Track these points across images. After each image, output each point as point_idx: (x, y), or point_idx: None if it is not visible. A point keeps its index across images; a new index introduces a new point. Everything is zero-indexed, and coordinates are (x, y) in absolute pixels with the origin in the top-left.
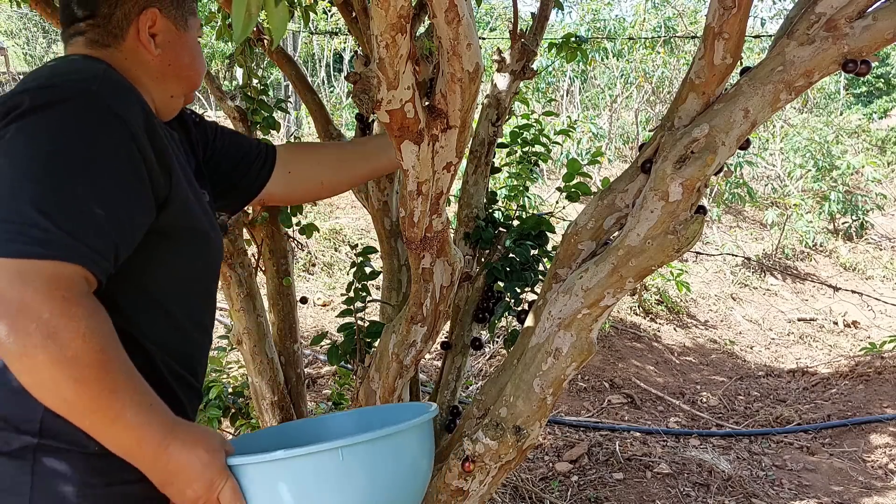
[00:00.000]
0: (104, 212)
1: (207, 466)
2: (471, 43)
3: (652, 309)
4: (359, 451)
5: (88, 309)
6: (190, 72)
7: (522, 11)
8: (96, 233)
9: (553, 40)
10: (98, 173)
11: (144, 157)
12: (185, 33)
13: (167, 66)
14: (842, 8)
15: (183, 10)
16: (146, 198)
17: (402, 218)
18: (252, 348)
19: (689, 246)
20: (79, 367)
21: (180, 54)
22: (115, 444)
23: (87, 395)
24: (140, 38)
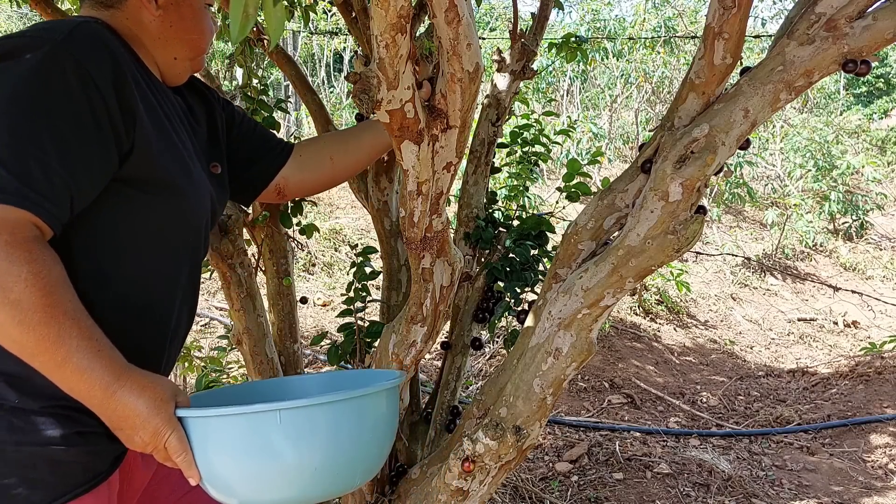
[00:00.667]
0: (60, 159)
1: (154, 414)
2: (471, 43)
3: (652, 309)
4: (298, 415)
5: (33, 253)
6: (193, 34)
7: (522, 11)
8: (48, 180)
9: (553, 40)
10: (55, 121)
11: (108, 106)
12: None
13: (168, 27)
14: (842, 8)
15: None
16: (106, 146)
17: (402, 218)
18: (252, 348)
19: (689, 246)
20: (21, 310)
21: (183, 16)
22: (66, 387)
23: (31, 337)
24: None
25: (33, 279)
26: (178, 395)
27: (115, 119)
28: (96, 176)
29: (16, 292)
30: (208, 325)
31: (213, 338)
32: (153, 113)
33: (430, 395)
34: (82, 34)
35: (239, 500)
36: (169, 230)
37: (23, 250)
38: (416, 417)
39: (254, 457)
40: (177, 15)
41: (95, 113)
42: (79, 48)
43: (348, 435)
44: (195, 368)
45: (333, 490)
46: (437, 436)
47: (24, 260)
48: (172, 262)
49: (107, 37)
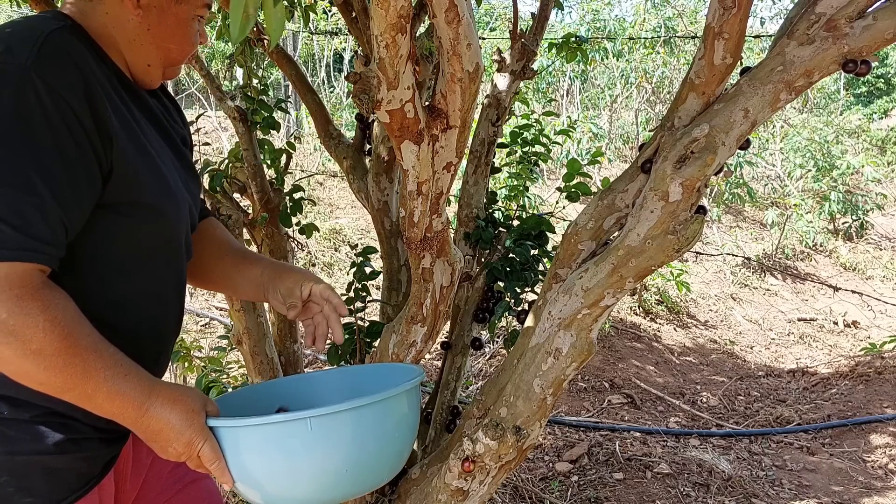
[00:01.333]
0: (52, 197)
1: (187, 426)
2: (471, 43)
3: (652, 309)
4: (326, 422)
5: (45, 301)
6: (170, 44)
7: (522, 11)
8: (46, 224)
9: (553, 40)
10: (41, 158)
11: (86, 130)
12: (176, 6)
13: (146, 30)
14: (842, 8)
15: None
16: (91, 171)
17: (402, 218)
18: (252, 348)
19: (689, 246)
20: (44, 357)
21: (164, 21)
22: (100, 412)
23: (59, 379)
24: None
25: (51, 326)
26: (207, 405)
27: (94, 142)
28: (85, 203)
29: (36, 342)
30: (208, 325)
31: (213, 338)
32: (128, 128)
33: (430, 395)
34: (50, 53)
35: (270, 500)
36: (152, 248)
37: (36, 300)
38: None
39: (284, 462)
40: (157, 19)
41: (77, 139)
42: (49, 72)
43: (374, 436)
44: (195, 368)
45: (362, 488)
46: (437, 436)
47: (39, 309)
48: (158, 276)
49: (75, 50)
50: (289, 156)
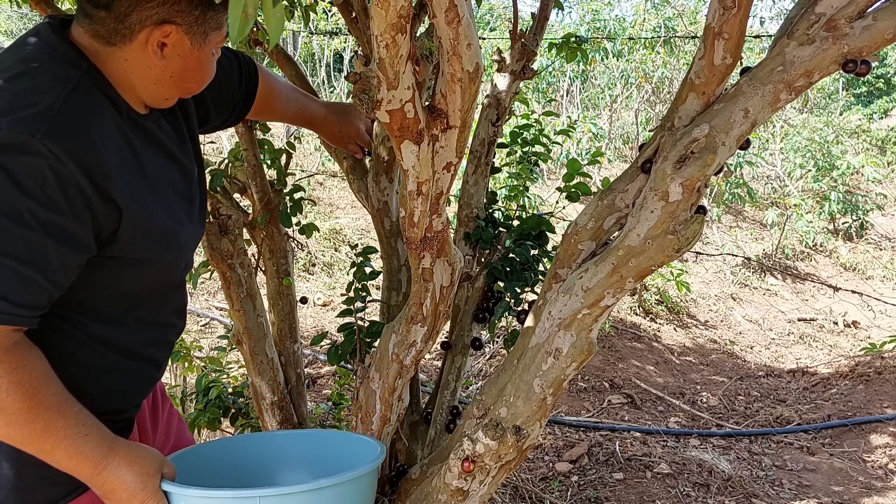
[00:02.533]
0: (36, 267)
1: (140, 488)
2: (471, 43)
3: (652, 309)
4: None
5: (13, 362)
6: (192, 83)
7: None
8: (26, 289)
9: (553, 40)
10: (27, 230)
11: (84, 201)
12: (198, 50)
13: (168, 76)
14: (842, 8)
15: (205, 27)
16: (83, 240)
17: (402, 218)
18: (252, 348)
19: (689, 246)
20: (5, 414)
21: (186, 67)
22: (59, 467)
23: (18, 434)
24: (148, 46)
25: (14, 387)
26: (164, 467)
27: (97, 214)
28: (73, 266)
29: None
30: (208, 325)
31: (213, 338)
32: (136, 184)
33: (430, 395)
34: (64, 125)
35: None
36: (155, 285)
37: (3, 361)
38: (416, 417)
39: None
40: (179, 66)
41: (72, 208)
42: (57, 140)
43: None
44: (195, 368)
45: None
46: (437, 436)
47: (4, 371)
48: (158, 306)
49: (88, 115)
50: (289, 156)
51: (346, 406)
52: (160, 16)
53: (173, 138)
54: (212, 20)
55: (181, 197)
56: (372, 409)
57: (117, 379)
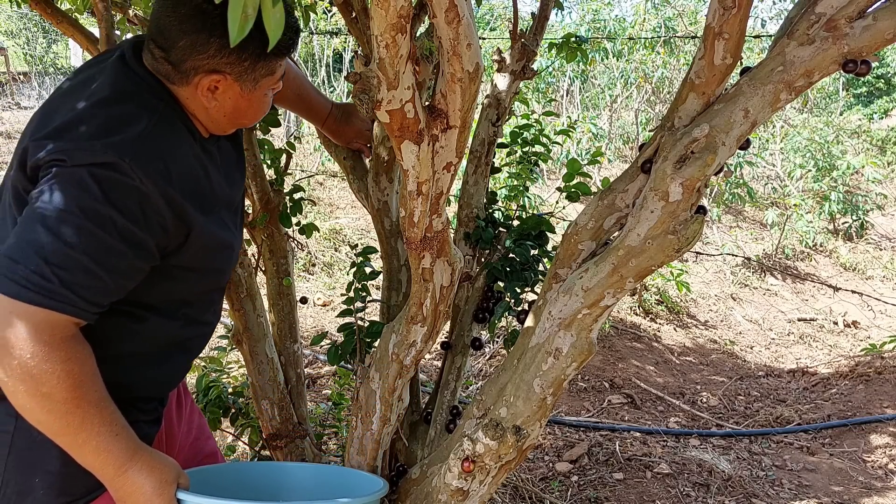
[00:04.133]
0: (106, 270)
1: (157, 494)
2: (471, 43)
3: (652, 309)
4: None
5: (67, 353)
6: (244, 120)
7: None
8: (91, 286)
9: (553, 40)
10: (106, 234)
11: (159, 219)
12: (249, 93)
13: (222, 115)
14: (842, 8)
15: (255, 74)
16: (152, 251)
17: (402, 218)
18: (252, 348)
19: (689, 246)
20: (51, 401)
21: (238, 108)
22: (83, 462)
23: (56, 423)
24: (199, 90)
25: (65, 376)
26: (180, 477)
27: (166, 228)
28: (136, 272)
29: (48, 386)
30: None
31: (213, 338)
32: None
33: (430, 395)
34: (150, 151)
35: None
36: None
37: (60, 350)
38: (416, 417)
39: None
40: (232, 106)
41: (150, 225)
42: (140, 166)
43: None
44: (195, 368)
45: None
46: (437, 436)
47: (59, 359)
48: (205, 306)
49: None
50: (289, 156)
51: (346, 406)
52: (210, 66)
53: (231, 156)
54: (262, 68)
55: (233, 212)
56: (372, 409)
57: (160, 368)
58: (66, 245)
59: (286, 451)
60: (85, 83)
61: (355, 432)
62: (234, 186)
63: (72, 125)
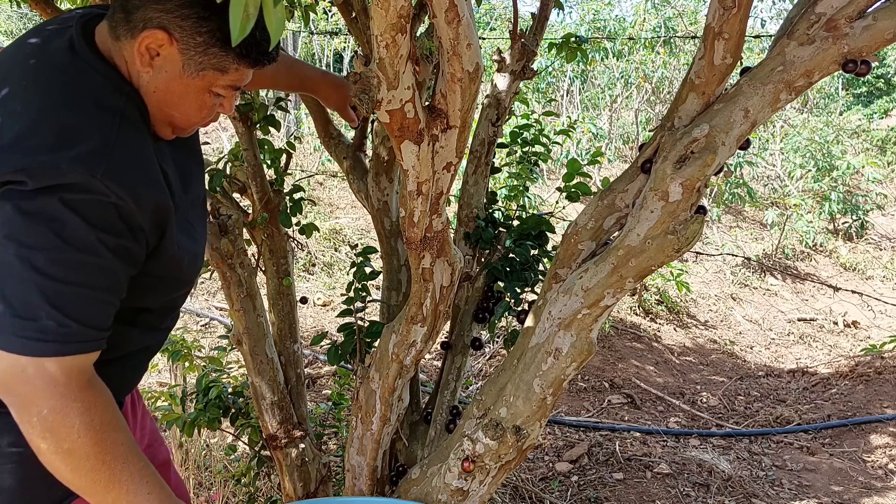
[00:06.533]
0: (107, 289)
1: None
2: (471, 43)
3: (652, 309)
4: None
5: (87, 402)
6: (172, 111)
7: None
8: (101, 313)
9: (553, 40)
10: (100, 258)
11: (136, 234)
12: (188, 78)
13: (152, 90)
14: (842, 8)
15: (203, 59)
16: (139, 258)
17: (402, 218)
18: (252, 348)
19: (689, 246)
20: (74, 458)
21: (170, 90)
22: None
23: (83, 482)
24: (140, 47)
25: (86, 429)
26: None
27: (144, 238)
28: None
29: (69, 442)
30: (208, 325)
31: (213, 338)
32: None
33: (430, 395)
34: (121, 163)
35: None
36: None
37: (78, 401)
38: (416, 417)
39: None
40: (164, 84)
41: (134, 234)
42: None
43: None
44: (195, 368)
45: None
46: (437, 436)
47: (78, 411)
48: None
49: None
50: (289, 156)
51: (346, 406)
52: (161, 21)
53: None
54: (214, 57)
55: (200, 215)
56: (372, 409)
57: (118, 374)
58: (64, 283)
59: (286, 452)
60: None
61: (355, 432)
62: (193, 177)
63: (23, 136)
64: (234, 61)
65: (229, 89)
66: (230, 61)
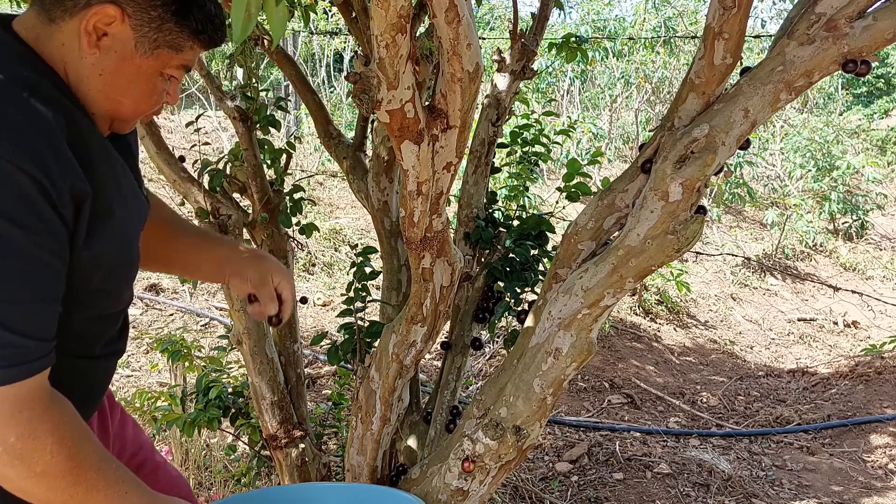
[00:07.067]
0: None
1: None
2: (471, 43)
3: (652, 309)
4: None
5: (55, 421)
6: (122, 97)
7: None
8: (47, 319)
9: (553, 40)
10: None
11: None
12: (140, 58)
13: (98, 74)
14: (842, 8)
15: (158, 36)
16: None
17: (402, 218)
18: (252, 348)
19: (689, 246)
20: (49, 479)
21: (120, 70)
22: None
23: (61, 498)
24: (85, 27)
25: (58, 448)
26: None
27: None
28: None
29: (42, 464)
30: (208, 325)
31: (213, 338)
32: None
33: (430, 395)
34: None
35: None
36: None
37: (45, 421)
38: (416, 417)
39: None
40: (114, 66)
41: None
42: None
43: None
44: (195, 368)
45: None
46: (437, 436)
47: (48, 431)
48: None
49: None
50: (289, 156)
51: (346, 406)
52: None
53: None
54: (169, 33)
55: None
56: (372, 409)
57: None
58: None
59: (286, 452)
60: None
61: (355, 432)
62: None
63: None
64: (189, 38)
65: (181, 70)
66: (185, 38)
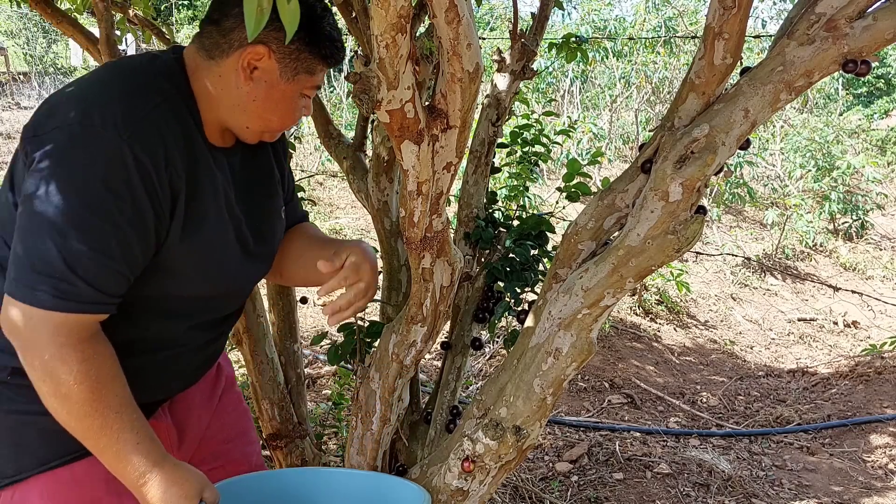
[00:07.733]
0: (125, 259)
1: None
2: (471, 43)
3: (652, 309)
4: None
5: (85, 353)
6: (272, 117)
7: (522, 11)
8: (117, 282)
9: (553, 40)
10: (117, 220)
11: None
12: (284, 84)
13: (251, 100)
14: (842, 8)
15: (297, 65)
16: (152, 234)
17: (402, 218)
18: (252, 348)
19: (689, 246)
20: (69, 402)
21: (270, 96)
22: (107, 466)
23: (77, 425)
24: (239, 63)
25: (82, 378)
26: (205, 491)
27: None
28: (145, 257)
29: (66, 387)
30: None
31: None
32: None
33: (430, 395)
34: (148, 134)
35: None
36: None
37: (77, 351)
38: (416, 417)
39: None
40: (265, 93)
41: (155, 208)
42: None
43: None
44: None
45: None
46: (437, 436)
47: (76, 360)
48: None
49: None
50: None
51: (346, 406)
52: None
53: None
54: (305, 61)
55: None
56: (372, 409)
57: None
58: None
59: (286, 451)
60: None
61: (355, 432)
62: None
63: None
64: (319, 62)
65: (313, 90)
66: (317, 62)
